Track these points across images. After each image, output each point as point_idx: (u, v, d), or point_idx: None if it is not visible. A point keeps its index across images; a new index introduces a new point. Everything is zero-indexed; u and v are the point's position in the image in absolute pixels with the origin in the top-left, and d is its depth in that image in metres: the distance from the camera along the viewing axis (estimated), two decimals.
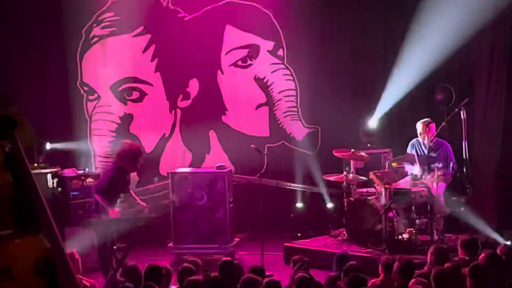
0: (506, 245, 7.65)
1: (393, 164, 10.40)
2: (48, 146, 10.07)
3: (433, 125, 9.72)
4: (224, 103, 11.64)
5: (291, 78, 11.80)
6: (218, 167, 10.00)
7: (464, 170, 10.26)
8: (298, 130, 11.85)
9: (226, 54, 11.62)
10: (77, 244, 8.29)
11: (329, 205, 11.16)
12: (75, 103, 11.01)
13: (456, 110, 10.45)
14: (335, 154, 10.02)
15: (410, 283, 5.87)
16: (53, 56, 10.90)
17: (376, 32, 11.77)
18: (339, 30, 11.79)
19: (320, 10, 11.67)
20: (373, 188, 9.83)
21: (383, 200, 9.28)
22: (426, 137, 9.65)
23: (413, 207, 9.11)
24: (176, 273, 6.56)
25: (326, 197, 11.19)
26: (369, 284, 6.23)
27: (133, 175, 10.98)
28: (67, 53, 10.92)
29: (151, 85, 11.33)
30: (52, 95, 10.95)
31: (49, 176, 9.59)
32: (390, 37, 11.69)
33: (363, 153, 10.15)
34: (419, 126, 9.75)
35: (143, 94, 11.33)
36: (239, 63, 11.68)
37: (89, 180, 9.68)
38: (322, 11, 11.69)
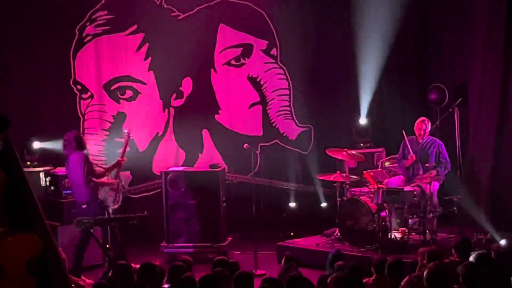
0: (500, 245, 7.65)
1: (386, 163, 10.42)
2: (37, 145, 9.98)
3: (428, 123, 9.70)
4: (217, 102, 11.63)
5: (284, 77, 11.80)
6: (211, 166, 10.01)
7: (457, 170, 10.29)
8: (291, 129, 11.85)
9: (220, 53, 11.61)
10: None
11: (324, 204, 11.19)
12: (67, 101, 10.97)
13: (449, 110, 10.48)
14: (328, 153, 10.03)
15: (402, 283, 5.87)
16: (46, 54, 10.84)
17: (371, 32, 11.76)
18: (332, 29, 11.79)
19: (313, 10, 11.67)
20: (366, 188, 9.84)
21: (376, 200, 9.28)
22: (420, 135, 9.64)
23: (406, 207, 9.12)
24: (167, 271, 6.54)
25: (321, 196, 11.21)
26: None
27: (127, 174, 10.99)
28: (60, 51, 10.88)
29: (145, 83, 11.30)
30: (45, 94, 10.89)
31: (41, 174, 9.56)
32: (387, 36, 11.69)
33: (356, 153, 10.16)
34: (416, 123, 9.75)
35: (136, 93, 11.29)
36: (233, 62, 11.66)
37: None
38: (316, 11, 11.69)
